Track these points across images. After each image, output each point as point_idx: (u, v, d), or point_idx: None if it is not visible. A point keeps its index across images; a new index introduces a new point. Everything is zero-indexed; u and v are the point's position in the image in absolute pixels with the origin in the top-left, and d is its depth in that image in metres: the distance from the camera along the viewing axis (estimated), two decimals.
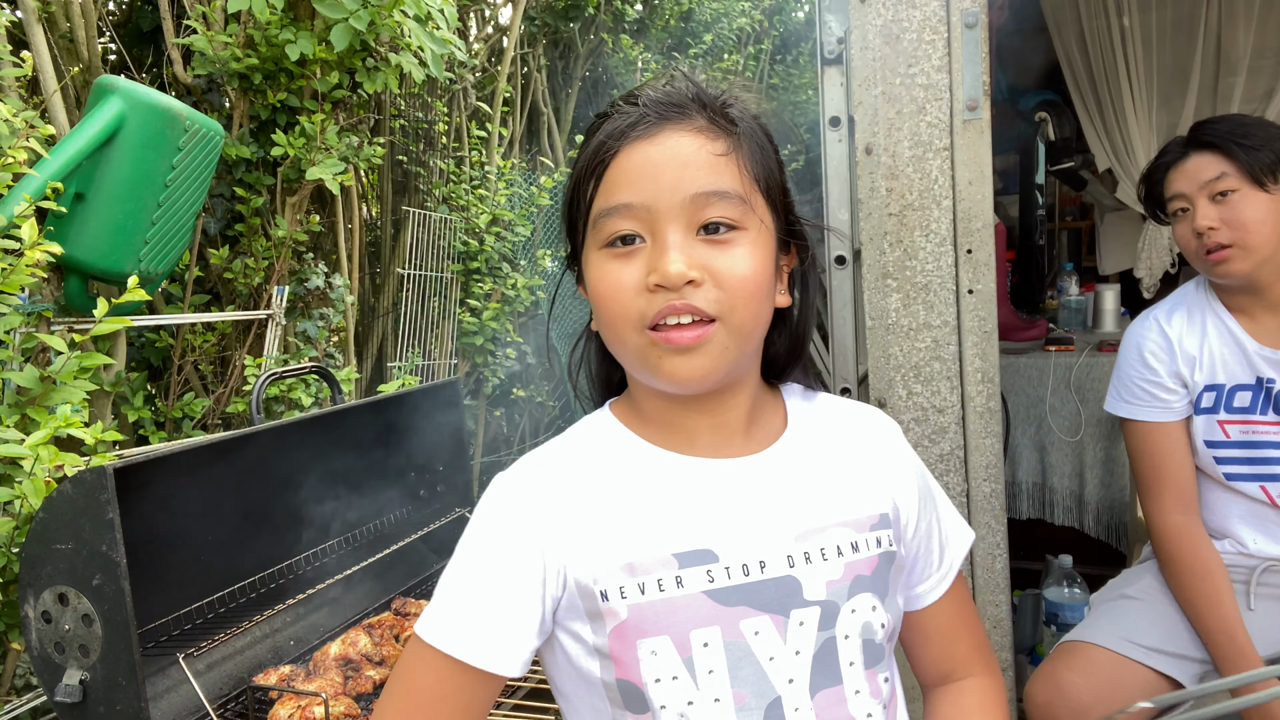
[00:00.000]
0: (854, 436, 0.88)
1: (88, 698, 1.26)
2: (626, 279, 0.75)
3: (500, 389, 3.81)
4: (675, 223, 0.74)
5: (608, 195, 0.76)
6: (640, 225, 0.75)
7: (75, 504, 1.23)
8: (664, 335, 0.74)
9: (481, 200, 3.46)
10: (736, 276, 0.74)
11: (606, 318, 0.77)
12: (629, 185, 0.75)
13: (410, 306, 3.13)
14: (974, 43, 1.62)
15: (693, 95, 0.79)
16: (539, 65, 4.19)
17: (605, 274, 0.76)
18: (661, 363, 0.75)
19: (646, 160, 0.75)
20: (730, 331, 0.75)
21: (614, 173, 0.76)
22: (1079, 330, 3.42)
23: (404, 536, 1.97)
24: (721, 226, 0.75)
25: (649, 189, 0.74)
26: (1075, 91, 3.28)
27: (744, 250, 0.75)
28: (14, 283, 1.50)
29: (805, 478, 0.83)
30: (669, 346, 0.74)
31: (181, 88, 2.39)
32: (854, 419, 0.90)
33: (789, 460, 0.83)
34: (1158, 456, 1.63)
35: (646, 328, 0.74)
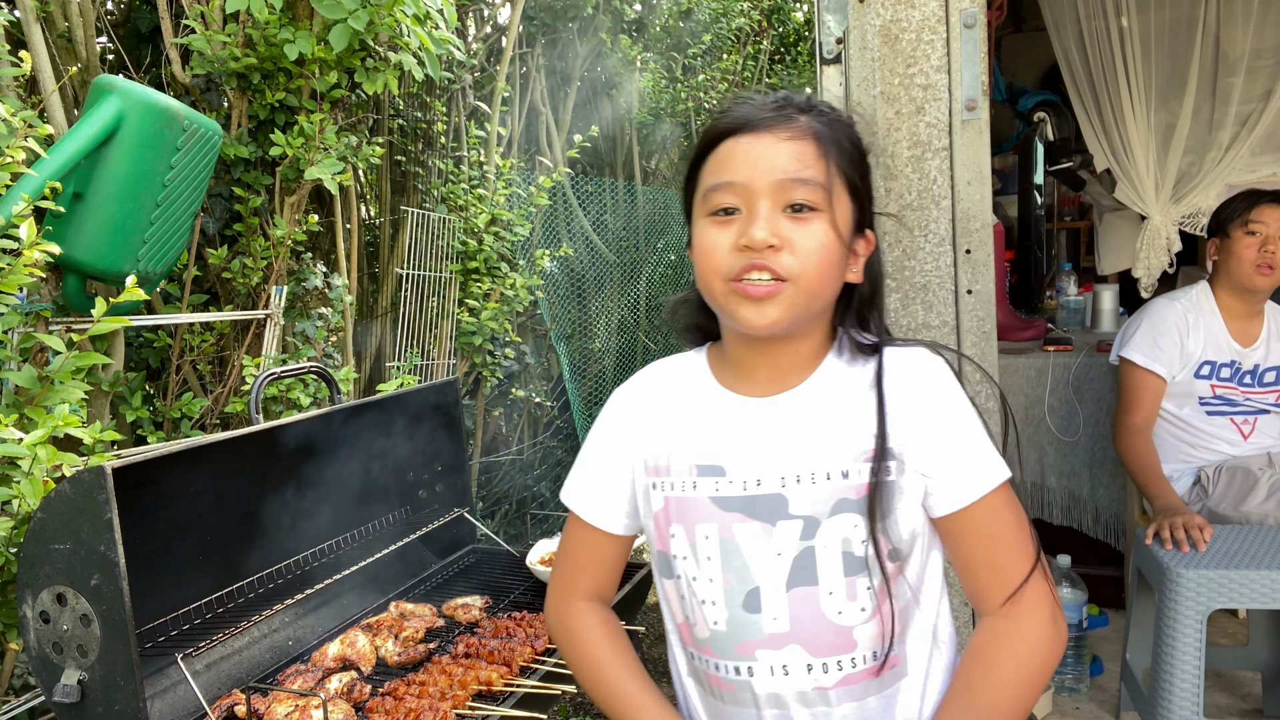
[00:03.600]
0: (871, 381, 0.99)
1: (86, 698, 1.26)
2: (722, 240, 0.94)
3: (498, 389, 3.81)
4: (766, 199, 0.92)
5: (715, 174, 0.96)
6: (739, 199, 0.94)
7: (73, 504, 1.22)
8: (743, 287, 0.92)
9: (480, 200, 3.45)
10: (809, 248, 0.92)
11: (702, 269, 0.96)
12: (733, 167, 0.94)
13: (409, 306, 3.13)
14: (973, 43, 1.62)
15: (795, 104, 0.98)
16: (538, 65, 4.19)
17: (706, 235, 0.96)
18: (739, 309, 0.94)
19: (749, 148, 0.94)
20: (799, 290, 0.93)
21: (722, 156, 0.96)
22: (1077, 330, 3.42)
23: (403, 536, 1.96)
24: (804, 207, 0.93)
25: (748, 171, 0.93)
26: (1074, 92, 3.28)
27: (819, 228, 0.93)
28: (12, 282, 1.49)
29: (811, 416, 0.99)
30: (744, 295, 0.93)
31: (180, 87, 2.39)
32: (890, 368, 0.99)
33: (802, 401, 1.00)
34: (1143, 393, 2.40)
35: (730, 279, 0.93)
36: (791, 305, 0.93)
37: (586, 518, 1.11)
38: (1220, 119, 3.16)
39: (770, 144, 0.94)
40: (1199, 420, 2.45)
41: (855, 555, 0.95)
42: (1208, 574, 1.91)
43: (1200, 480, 2.43)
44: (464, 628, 1.77)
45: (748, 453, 0.99)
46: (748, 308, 0.93)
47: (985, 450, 0.98)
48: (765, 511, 0.97)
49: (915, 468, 0.96)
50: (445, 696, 1.48)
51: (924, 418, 0.97)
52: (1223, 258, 2.43)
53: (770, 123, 0.94)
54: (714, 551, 0.99)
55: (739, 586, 0.98)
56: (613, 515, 1.10)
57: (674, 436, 1.04)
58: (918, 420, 0.97)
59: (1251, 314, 2.47)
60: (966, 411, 0.99)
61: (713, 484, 1.00)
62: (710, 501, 0.99)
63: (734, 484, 0.99)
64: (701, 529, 0.99)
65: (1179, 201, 3.22)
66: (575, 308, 4.19)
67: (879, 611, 0.96)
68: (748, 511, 0.98)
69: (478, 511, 2.90)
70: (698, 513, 1.00)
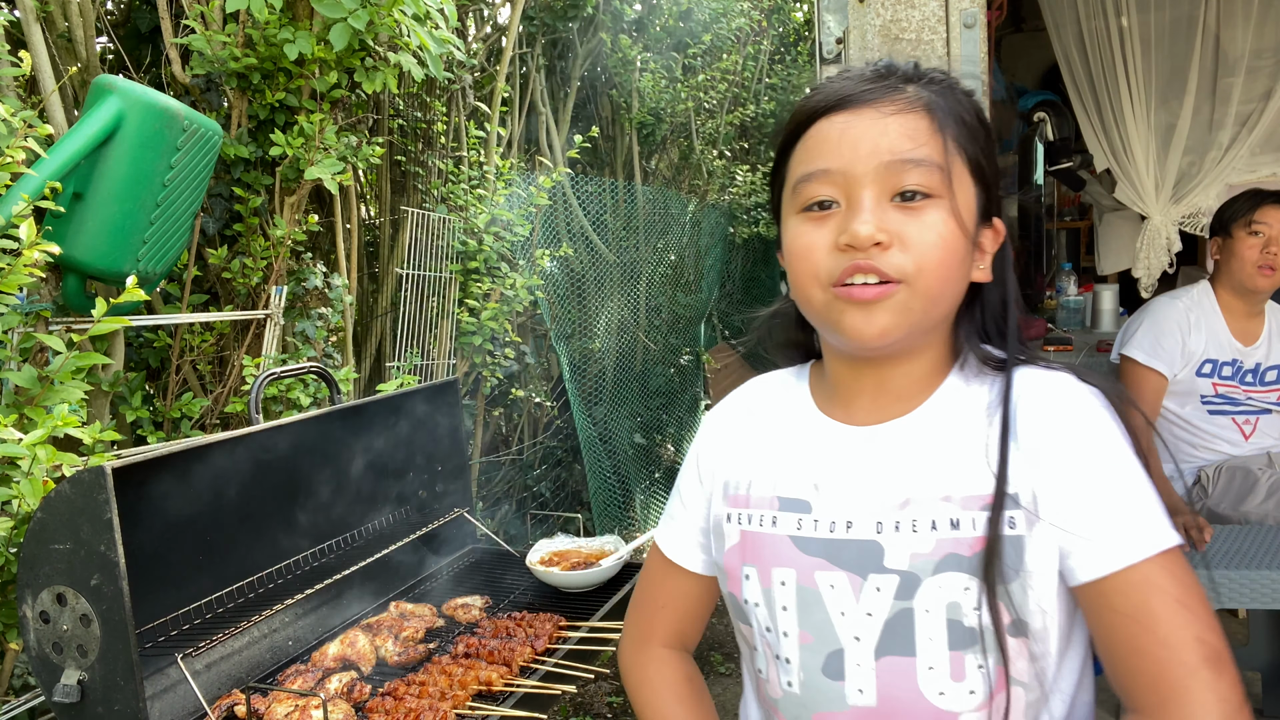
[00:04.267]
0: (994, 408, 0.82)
1: (86, 698, 1.26)
2: (819, 240, 0.79)
3: (499, 389, 3.81)
4: (870, 188, 0.77)
5: (806, 162, 0.81)
6: (836, 190, 0.79)
7: (73, 504, 1.22)
8: (847, 291, 0.77)
9: (480, 200, 3.45)
10: (925, 243, 0.77)
11: (796, 276, 0.82)
12: (827, 152, 0.79)
13: (409, 306, 3.13)
14: (973, 43, 1.62)
15: (899, 71, 0.82)
16: (538, 65, 4.19)
17: (799, 235, 0.81)
18: (844, 318, 0.78)
19: (846, 127, 0.78)
20: (915, 294, 0.77)
21: (813, 141, 0.81)
22: (1077, 330, 3.42)
23: (403, 536, 1.97)
24: (917, 194, 0.77)
25: (846, 155, 0.78)
26: (1074, 92, 3.28)
27: (937, 218, 0.77)
28: (12, 282, 1.49)
29: (917, 450, 0.83)
30: (850, 301, 0.77)
31: (180, 87, 2.39)
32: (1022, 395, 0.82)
33: (909, 432, 0.84)
34: (1144, 391, 2.41)
35: (831, 285, 0.78)
36: (906, 311, 0.77)
37: (676, 558, 0.99)
38: (1220, 119, 3.16)
39: (873, 120, 0.77)
40: (1200, 419, 2.46)
41: (965, 625, 0.77)
42: (1207, 574, 1.91)
43: (1200, 480, 2.43)
44: (464, 628, 1.77)
45: (839, 489, 0.85)
46: (853, 315, 0.77)
47: (1146, 507, 0.76)
48: (854, 560, 0.81)
49: (1052, 520, 0.76)
50: (445, 696, 1.48)
51: (1066, 458, 0.78)
52: (1225, 257, 2.44)
53: (871, 95, 0.78)
54: (790, 601, 0.84)
55: (819, 646, 0.83)
56: (701, 557, 0.97)
57: (758, 463, 0.91)
58: (1057, 461, 0.77)
59: (1253, 313, 2.47)
60: (1125, 456, 0.78)
61: (795, 521, 0.86)
62: (790, 541, 0.85)
63: (820, 524, 0.84)
64: (778, 573, 0.85)
65: (1179, 201, 3.22)
66: (575, 308, 4.18)
67: (992, 700, 0.77)
68: (833, 558, 0.82)
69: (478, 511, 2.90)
70: (775, 554, 0.86)
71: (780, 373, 0.99)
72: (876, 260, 0.76)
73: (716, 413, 1.00)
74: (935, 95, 0.80)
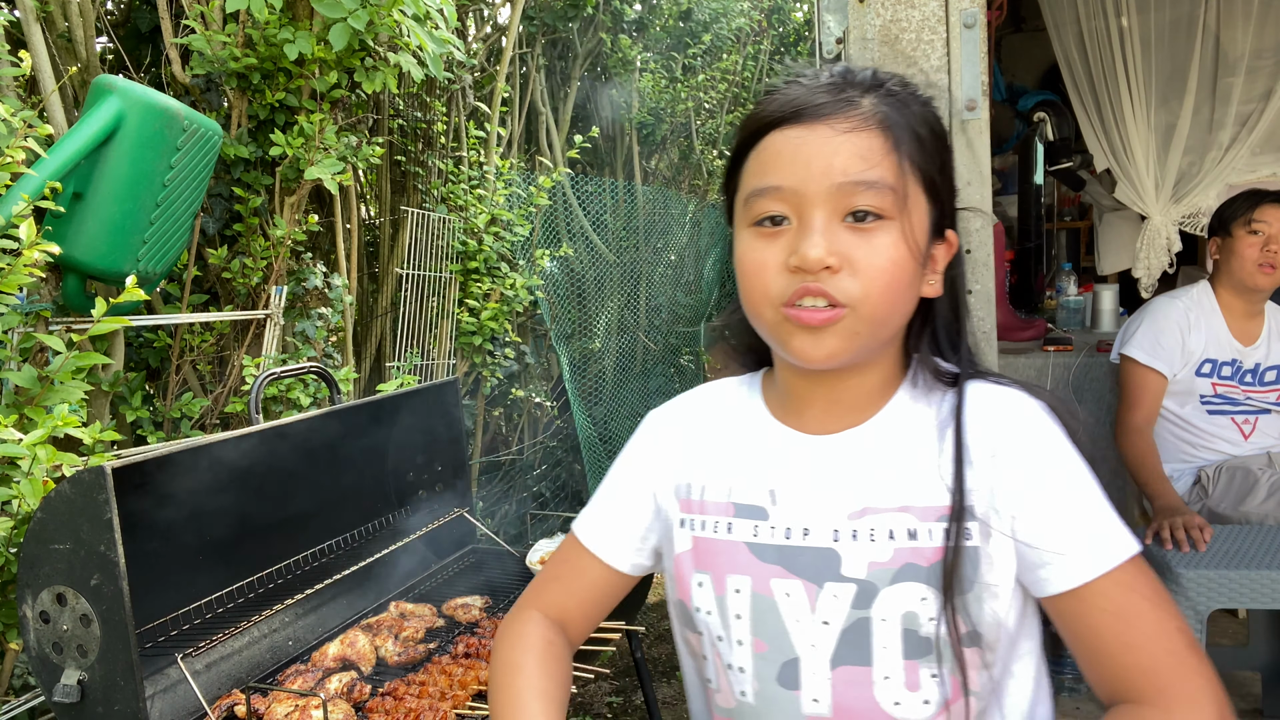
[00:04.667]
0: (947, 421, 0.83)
1: (86, 698, 1.26)
2: (769, 258, 0.79)
3: (498, 389, 3.81)
4: (821, 208, 0.76)
5: (759, 176, 0.79)
6: (788, 207, 0.78)
7: (73, 504, 1.22)
8: (796, 313, 0.77)
9: (480, 200, 3.45)
10: (874, 267, 0.76)
11: (747, 292, 0.82)
12: (780, 168, 0.78)
13: (409, 306, 3.13)
14: (972, 43, 1.62)
15: (856, 81, 0.80)
16: (537, 65, 4.19)
17: (749, 251, 0.80)
18: (791, 339, 0.79)
19: (800, 144, 0.77)
20: (861, 319, 0.77)
21: (767, 154, 0.79)
22: (1077, 330, 3.42)
23: (403, 536, 1.96)
24: (868, 215, 0.76)
25: (799, 173, 0.77)
26: (1074, 92, 3.28)
27: (888, 240, 0.77)
28: (12, 282, 1.49)
29: (875, 460, 0.83)
30: (799, 324, 0.77)
31: (180, 87, 2.39)
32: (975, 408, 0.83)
33: (865, 441, 0.85)
34: (1144, 391, 2.41)
35: (781, 305, 0.78)
36: (853, 335, 0.77)
37: (587, 543, 0.96)
38: (1220, 119, 3.16)
39: (826, 138, 0.76)
40: (1200, 419, 2.46)
41: (921, 635, 0.78)
42: (1208, 574, 1.91)
43: (1200, 480, 2.43)
44: (464, 628, 1.77)
45: (796, 496, 0.84)
46: (801, 338, 0.78)
47: (1106, 516, 0.80)
48: (811, 568, 0.81)
49: (1007, 532, 0.79)
50: (445, 696, 1.48)
51: (1026, 475, 0.79)
52: (1225, 257, 2.44)
53: (826, 110, 0.77)
54: (745, 609, 0.83)
55: (774, 655, 0.82)
56: (616, 548, 0.95)
57: (713, 468, 0.90)
58: (1012, 475, 0.79)
59: (1252, 313, 2.48)
60: (1079, 470, 0.81)
61: (751, 528, 0.85)
62: (746, 548, 0.84)
63: (776, 530, 0.83)
64: (733, 580, 0.84)
65: (1179, 201, 3.22)
66: (575, 308, 4.18)
67: (948, 708, 0.78)
68: (789, 566, 0.82)
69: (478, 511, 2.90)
70: (730, 561, 0.84)
71: (732, 379, 0.97)
72: (825, 284, 0.76)
73: (664, 414, 0.97)
74: (891, 110, 0.79)
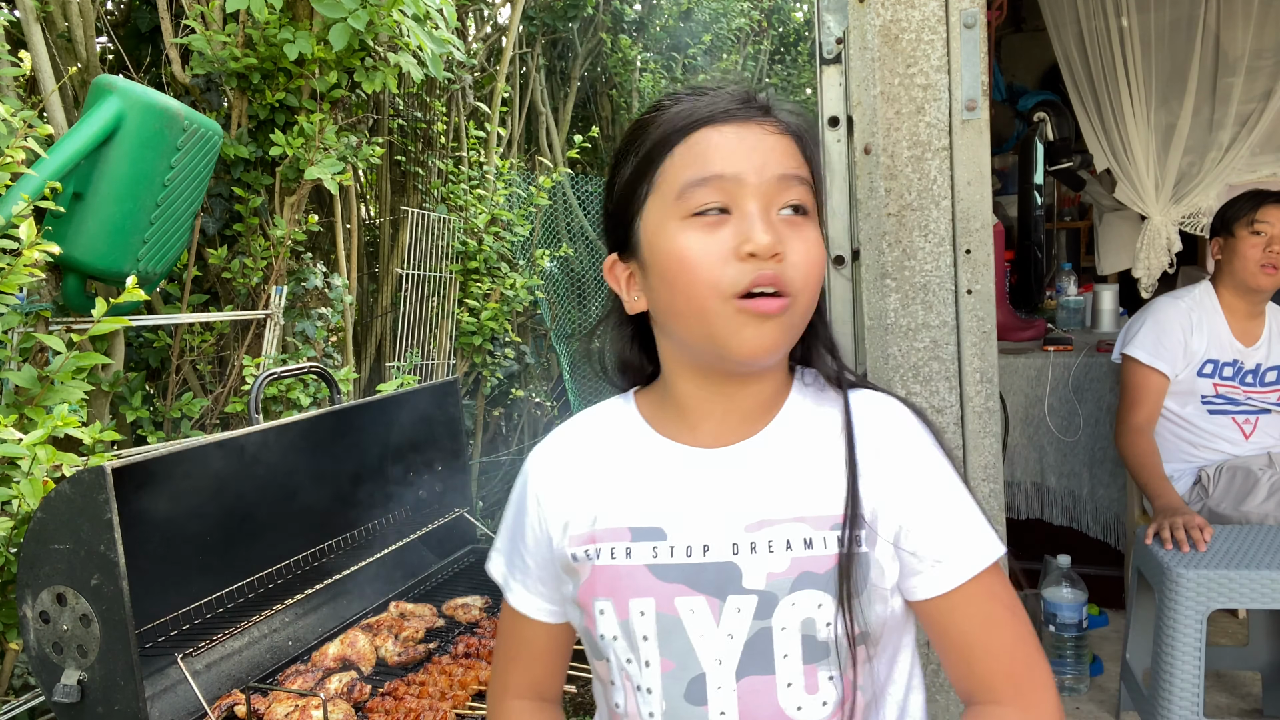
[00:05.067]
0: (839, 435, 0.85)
1: (86, 698, 1.26)
2: (714, 248, 0.77)
3: (499, 389, 3.81)
4: (759, 200, 0.78)
5: (695, 167, 0.79)
6: (727, 197, 0.78)
7: (73, 504, 1.22)
8: (750, 304, 0.76)
9: (480, 200, 3.45)
10: (809, 259, 0.78)
11: (689, 285, 0.78)
12: (720, 159, 0.78)
13: (409, 306, 3.13)
14: (973, 43, 1.62)
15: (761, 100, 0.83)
16: (537, 65, 4.19)
17: (690, 242, 0.78)
18: (742, 331, 0.77)
19: (738, 139, 0.79)
20: (797, 311, 0.79)
21: (700, 147, 0.79)
22: (1077, 330, 3.42)
23: (403, 536, 1.97)
24: (799, 209, 0.79)
25: (741, 164, 0.78)
26: (1074, 92, 3.28)
27: (814, 235, 0.80)
28: (12, 282, 1.49)
29: (769, 471, 0.84)
30: (753, 314, 0.76)
31: (180, 87, 2.39)
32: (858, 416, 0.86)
33: (759, 453, 0.85)
34: (1146, 391, 2.42)
35: (734, 296, 0.76)
36: (789, 328, 0.79)
37: (521, 609, 0.94)
38: (1220, 119, 3.16)
39: (760, 136, 0.79)
40: (1201, 419, 2.46)
41: (818, 639, 0.80)
42: (1208, 574, 1.91)
43: (1201, 480, 2.43)
44: (464, 628, 1.77)
45: (693, 513, 0.84)
46: (751, 330, 0.76)
47: (978, 521, 0.84)
48: (713, 584, 0.82)
49: (890, 539, 0.82)
50: (445, 696, 1.48)
51: (903, 482, 0.83)
52: (1226, 257, 2.44)
53: (754, 114, 0.80)
54: (650, 630, 0.83)
55: (680, 673, 0.82)
56: (548, 605, 0.93)
57: (602, 497, 0.88)
58: (895, 484, 0.83)
59: (1254, 313, 2.48)
60: (952, 477, 0.86)
61: (650, 550, 0.84)
62: (647, 571, 0.83)
63: (676, 550, 0.83)
64: (636, 604, 0.83)
65: (1179, 201, 3.22)
66: (575, 308, 4.18)
67: (842, 707, 0.81)
68: (692, 583, 0.82)
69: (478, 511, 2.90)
70: (632, 585, 0.84)
71: (603, 405, 0.95)
72: (777, 271, 0.76)
73: (541, 455, 0.95)
74: (799, 122, 0.83)
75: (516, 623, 0.95)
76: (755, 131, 0.79)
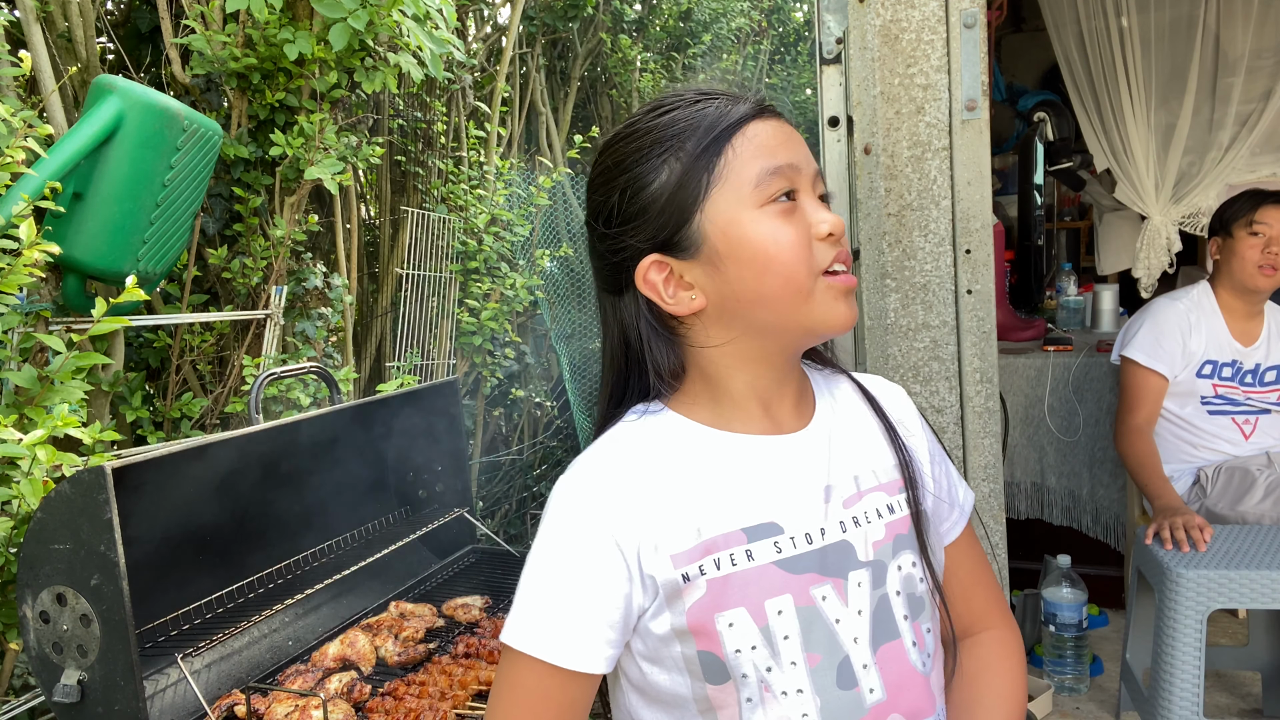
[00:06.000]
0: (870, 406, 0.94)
1: (86, 698, 1.26)
2: (799, 232, 0.81)
3: (499, 389, 3.81)
4: (811, 186, 0.84)
5: (767, 157, 0.81)
6: (792, 185, 0.82)
7: (73, 504, 1.22)
8: (840, 279, 0.82)
9: (480, 200, 3.45)
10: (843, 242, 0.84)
11: (784, 267, 0.80)
12: (779, 150, 0.82)
13: (409, 306, 3.13)
14: (973, 43, 1.62)
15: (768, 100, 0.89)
16: (538, 65, 4.19)
17: (779, 229, 0.81)
18: (836, 304, 0.82)
19: (782, 132, 0.83)
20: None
21: (761, 139, 0.82)
22: (1077, 330, 3.42)
23: (402, 536, 1.96)
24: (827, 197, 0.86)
25: (796, 155, 0.83)
26: (1074, 92, 3.28)
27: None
28: (12, 282, 1.49)
29: (840, 447, 0.89)
30: (842, 287, 0.82)
31: (180, 87, 2.39)
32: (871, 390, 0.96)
33: (826, 433, 0.89)
34: (1145, 392, 2.42)
35: (824, 273, 0.82)
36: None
37: (558, 660, 0.79)
38: (1220, 119, 3.16)
39: (790, 130, 0.84)
40: (1200, 419, 2.46)
41: (916, 596, 0.87)
42: (1208, 574, 1.91)
43: (1199, 480, 2.43)
44: (464, 628, 1.77)
45: (797, 500, 0.84)
46: (844, 303, 0.82)
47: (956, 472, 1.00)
48: (837, 565, 0.83)
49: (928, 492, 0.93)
50: (445, 696, 1.48)
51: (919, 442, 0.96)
52: (1225, 257, 2.44)
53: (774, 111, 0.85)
54: (792, 628, 0.80)
55: (828, 663, 0.81)
56: (592, 650, 0.79)
57: (697, 507, 0.81)
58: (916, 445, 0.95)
59: (1252, 314, 2.48)
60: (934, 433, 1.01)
61: (772, 546, 0.81)
62: (776, 568, 0.81)
63: (797, 540, 0.82)
64: (773, 604, 0.80)
65: (1179, 201, 3.22)
66: (575, 308, 4.18)
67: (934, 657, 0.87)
68: (821, 569, 0.82)
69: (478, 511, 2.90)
70: (765, 585, 0.80)
71: (632, 424, 0.87)
72: (845, 250, 0.84)
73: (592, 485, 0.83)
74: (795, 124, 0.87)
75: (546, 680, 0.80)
76: (786, 126, 0.84)
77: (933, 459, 0.96)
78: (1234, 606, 1.99)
